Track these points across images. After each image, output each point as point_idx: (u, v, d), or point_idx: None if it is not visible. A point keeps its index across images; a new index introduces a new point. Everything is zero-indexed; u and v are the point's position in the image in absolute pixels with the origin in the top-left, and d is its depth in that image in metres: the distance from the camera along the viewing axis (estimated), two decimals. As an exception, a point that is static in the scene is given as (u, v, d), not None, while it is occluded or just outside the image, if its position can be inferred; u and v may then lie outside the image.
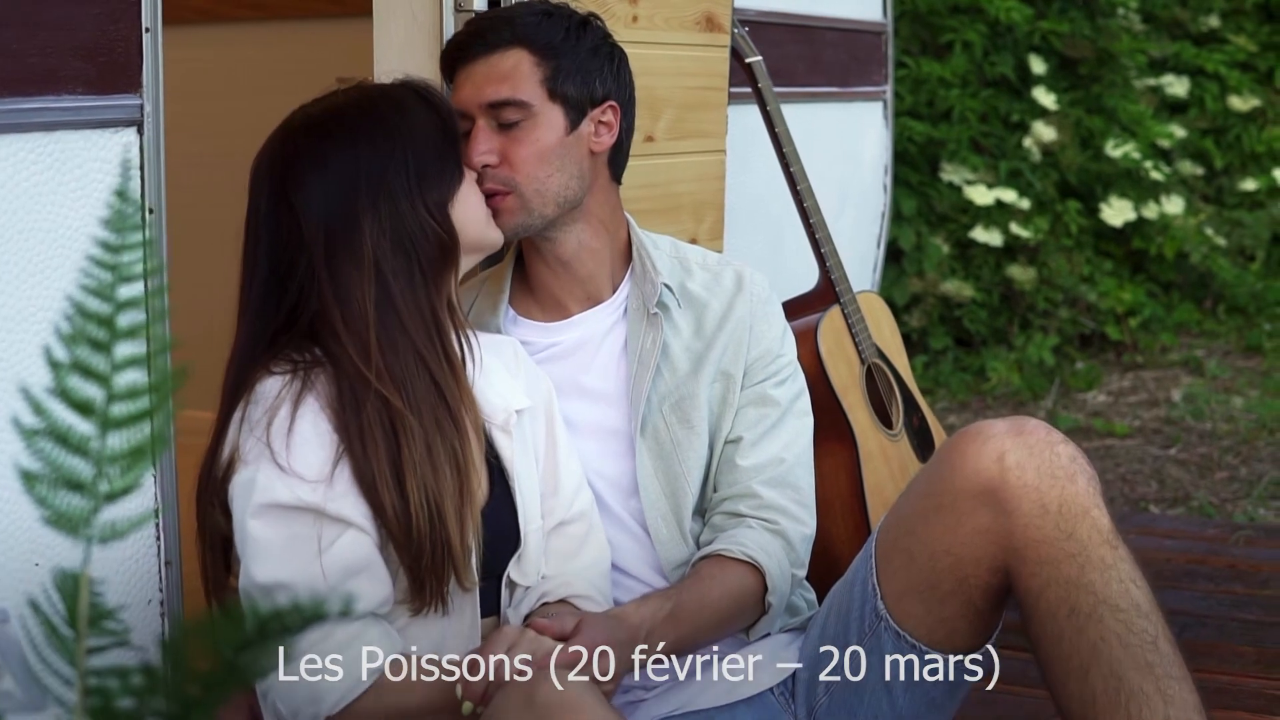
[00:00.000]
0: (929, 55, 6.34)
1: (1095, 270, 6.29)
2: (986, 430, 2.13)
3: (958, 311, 6.18)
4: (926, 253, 6.14)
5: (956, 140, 6.17)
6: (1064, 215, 6.23)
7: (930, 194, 6.20)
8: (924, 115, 6.22)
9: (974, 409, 5.85)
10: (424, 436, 1.99)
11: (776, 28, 3.50)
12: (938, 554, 2.15)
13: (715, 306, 2.41)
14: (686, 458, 2.35)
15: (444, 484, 1.99)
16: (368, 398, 1.98)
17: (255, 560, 1.96)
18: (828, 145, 3.81)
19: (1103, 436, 5.37)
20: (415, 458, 1.98)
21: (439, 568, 1.98)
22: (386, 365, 2.01)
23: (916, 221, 6.19)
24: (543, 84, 2.25)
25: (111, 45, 1.97)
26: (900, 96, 6.23)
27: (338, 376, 2.01)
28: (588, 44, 2.29)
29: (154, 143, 2.03)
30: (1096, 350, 6.28)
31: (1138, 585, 2.06)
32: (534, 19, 2.28)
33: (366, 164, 2.05)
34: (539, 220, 2.28)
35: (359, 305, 2.02)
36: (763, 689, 2.31)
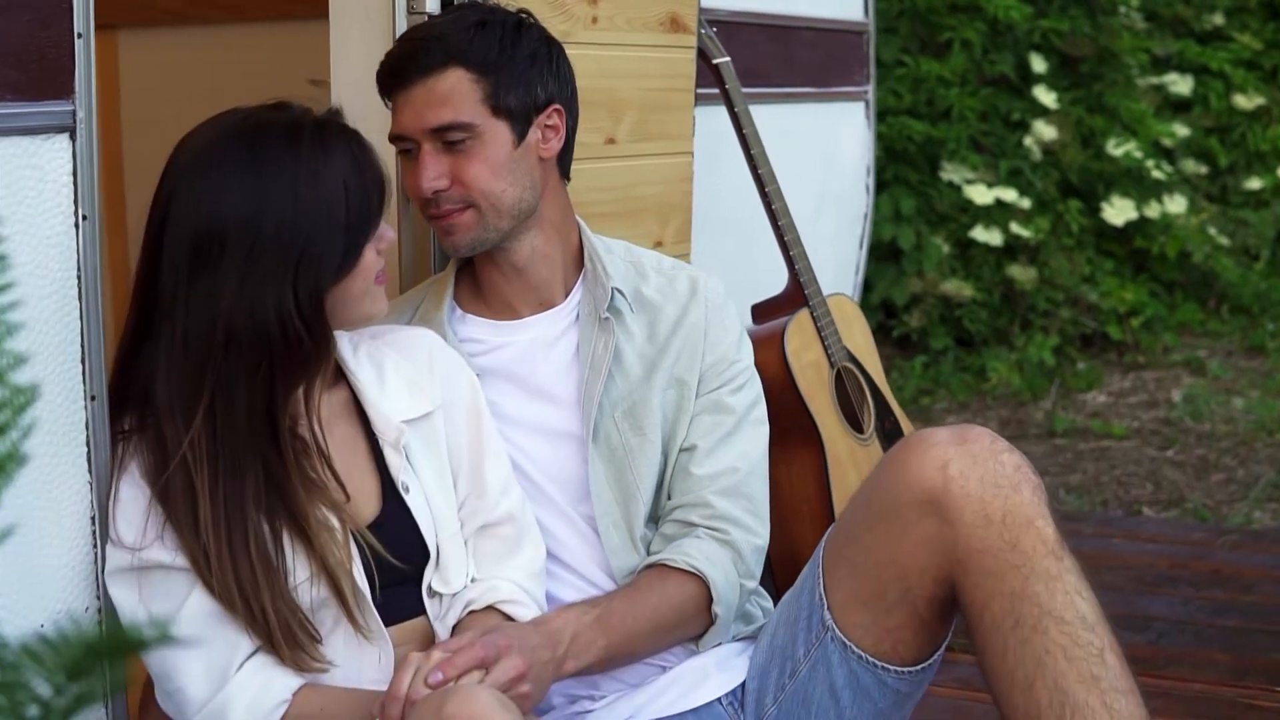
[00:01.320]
0: (928, 54, 6.31)
1: (1097, 270, 6.25)
2: (929, 438, 2.11)
3: (958, 311, 6.15)
4: (926, 252, 6.11)
5: (956, 139, 6.13)
6: (1065, 215, 6.19)
7: (930, 193, 6.17)
8: (923, 114, 6.19)
9: (974, 409, 5.81)
10: (224, 519, 1.95)
11: (750, 28, 3.48)
12: (882, 564, 2.12)
13: (669, 311, 2.39)
14: (638, 465, 2.32)
15: (242, 570, 1.95)
16: (175, 461, 1.96)
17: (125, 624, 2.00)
18: (806, 146, 3.78)
19: (1100, 438, 5.33)
20: (210, 540, 1.95)
21: (275, 636, 1.96)
22: (211, 435, 1.96)
23: (916, 221, 6.16)
24: (484, 102, 2.22)
25: (42, 51, 1.95)
26: (899, 95, 6.20)
27: (155, 440, 1.99)
28: (525, 51, 2.26)
29: (87, 149, 2.01)
30: (1098, 350, 6.24)
31: (1084, 597, 2.03)
32: (467, 33, 2.23)
33: (246, 207, 1.95)
34: (495, 234, 2.27)
35: (193, 380, 1.97)
36: (711, 699, 2.29)
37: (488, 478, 2.18)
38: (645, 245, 2.95)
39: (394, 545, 2.06)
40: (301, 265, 1.96)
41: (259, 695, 1.96)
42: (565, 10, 2.71)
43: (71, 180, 2.01)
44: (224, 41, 3.55)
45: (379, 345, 2.17)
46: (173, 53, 3.66)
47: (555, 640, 2.10)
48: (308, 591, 2.00)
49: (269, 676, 1.98)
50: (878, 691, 2.18)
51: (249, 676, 1.97)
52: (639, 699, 2.28)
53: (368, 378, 2.12)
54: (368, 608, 2.03)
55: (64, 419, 2.03)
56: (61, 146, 2.00)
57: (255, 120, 2.03)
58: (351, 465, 2.09)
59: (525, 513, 2.22)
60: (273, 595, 1.96)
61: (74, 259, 2.02)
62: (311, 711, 1.99)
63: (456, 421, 2.18)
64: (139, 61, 3.72)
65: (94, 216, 2.03)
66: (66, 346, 2.02)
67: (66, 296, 2.02)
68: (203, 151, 2.00)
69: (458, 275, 2.41)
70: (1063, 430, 5.40)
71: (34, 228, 1.97)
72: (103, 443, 2.07)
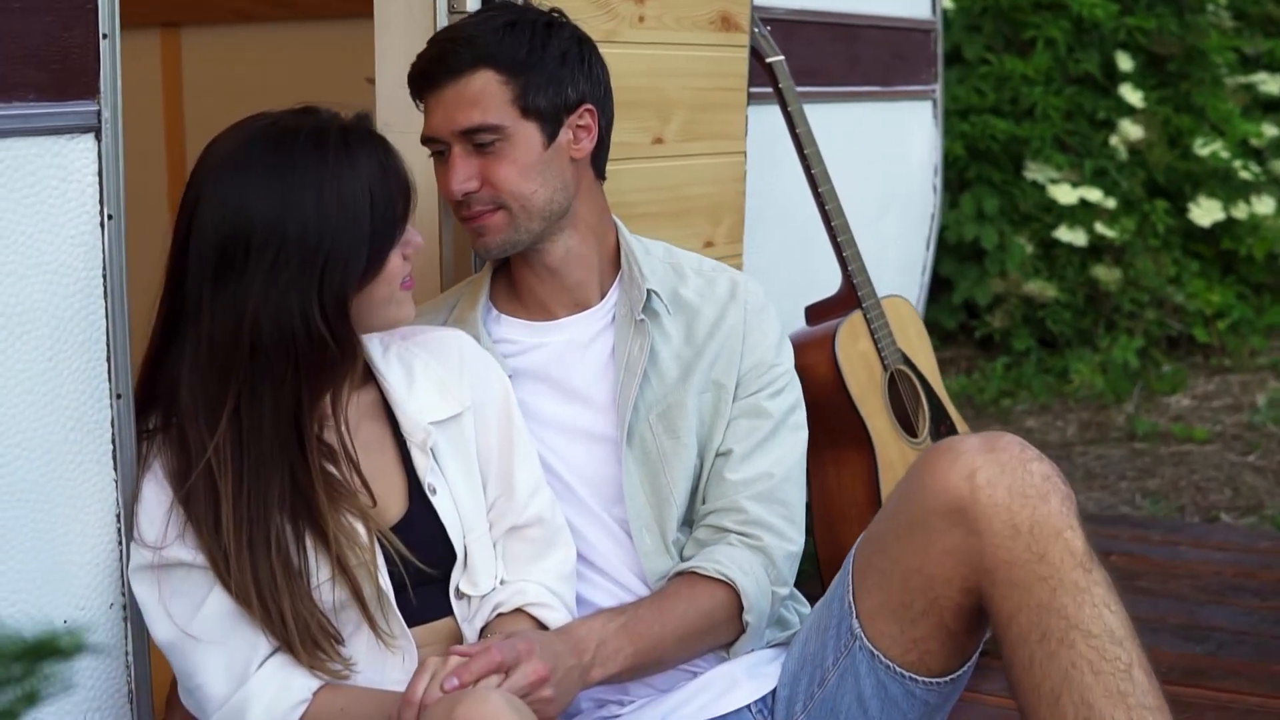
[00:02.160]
0: (1012, 52, 6.22)
1: (1183, 271, 6.14)
2: (958, 446, 2.07)
3: (1041, 312, 6.07)
4: (1009, 252, 6.03)
5: (1040, 138, 6.04)
6: (1151, 215, 6.08)
7: (1014, 193, 6.09)
8: (1007, 113, 6.11)
9: (1055, 411, 5.73)
10: (246, 522, 1.95)
11: (811, 26, 3.44)
12: (909, 573, 2.09)
13: (707, 313, 2.36)
14: (673, 468, 2.30)
15: (261, 572, 1.95)
16: (199, 466, 1.96)
17: (148, 622, 2.02)
18: (870, 146, 3.74)
19: (1180, 441, 5.24)
20: (231, 541, 1.95)
21: (293, 638, 1.96)
22: (235, 442, 1.96)
23: (999, 220, 6.08)
24: (514, 103, 2.20)
25: (65, 53, 1.96)
26: (982, 93, 6.13)
27: (179, 440, 1.99)
28: (555, 51, 2.24)
29: (112, 149, 2.02)
30: (1184, 353, 6.13)
31: (1112, 610, 1.98)
32: (496, 34, 2.22)
33: (271, 212, 1.95)
34: (526, 235, 2.25)
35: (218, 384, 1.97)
36: (739, 706, 2.27)
37: (517, 480, 2.16)
38: (695, 245, 2.94)
39: (419, 546, 2.05)
40: (326, 271, 1.95)
41: (278, 695, 1.97)
42: (610, 9, 2.69)
43: (97, 180, 2.02)
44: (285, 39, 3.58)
45: (409, 346, 2.17)
46: (235, 50, 3.69)
47: (581, 648, 2.09)
48: (330, 592, 2.00)
49: (289, 676, 1.98)
50: (906, 702, 2.15)
51: (269, 675, 1.97)
52: (667, 705, 2.26)
53: (397, 378, 2.12)
54: (391, 611, 2.02)
55: (90, 417, 2.04)
56: (87, 146, 2.01)
57: (282, 125, 2.02)
58: (378, 466, 2.09)
59: (555, 515, 2.21)
60: (293, 598, 1.96)
61: (99, 258, 2.03)
62: (331, 712, 1.99)
63: (487, 423, 2.16)
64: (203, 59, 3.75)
65: (119, 216, 2.04)
66: (92, 345, 2.04)
67: (92, 295, 2.03)
68: (229, 156, 2.00)
69: (494, 276, 2.40)
70: (1143, 434, 5.30)
71: (58, 227, 1.98)
72: (128, 441, 2.08)
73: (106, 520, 2.08)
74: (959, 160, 6.04)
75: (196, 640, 1.97)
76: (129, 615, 2.11)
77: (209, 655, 1.97)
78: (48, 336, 1.98)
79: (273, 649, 1.98)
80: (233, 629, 1.97)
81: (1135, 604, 3.37)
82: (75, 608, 2.05)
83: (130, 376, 2.08)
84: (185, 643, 1.98)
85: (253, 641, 1.98)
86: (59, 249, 1.99)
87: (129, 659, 2.12)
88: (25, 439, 1.97)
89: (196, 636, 1.97)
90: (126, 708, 2.12)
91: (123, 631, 2.11)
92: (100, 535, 2.07)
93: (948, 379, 6.05)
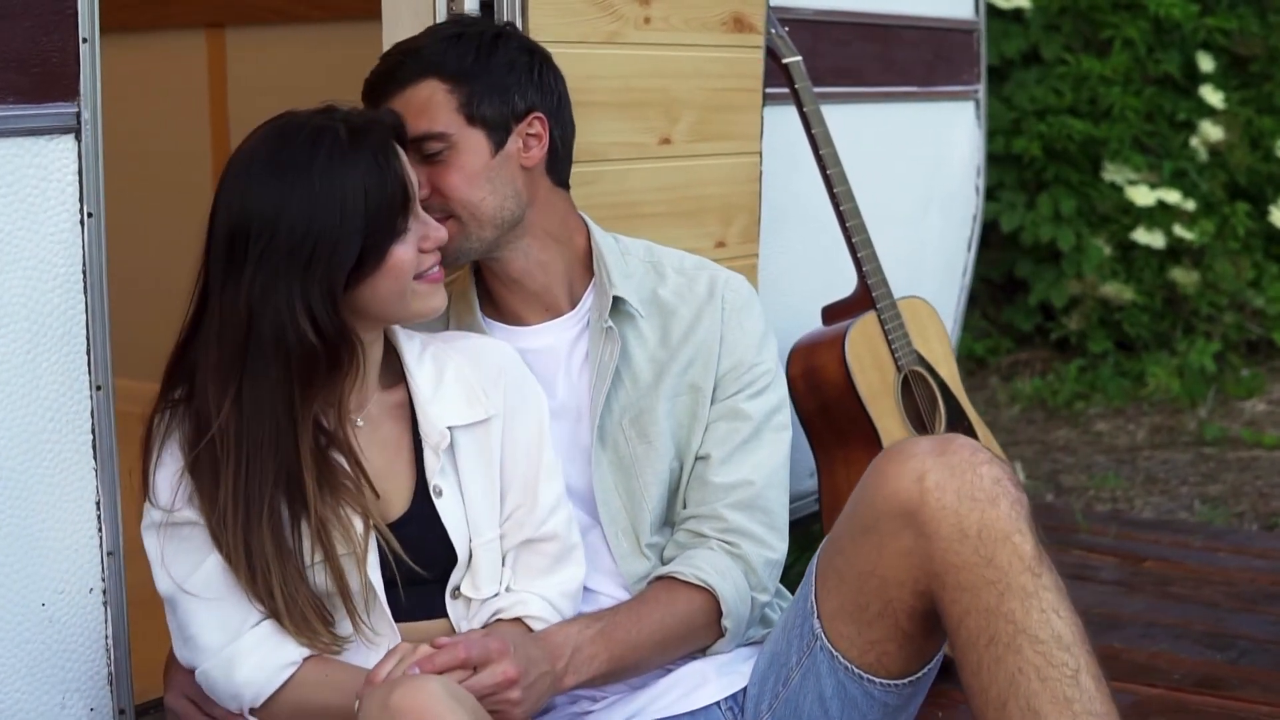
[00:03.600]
0: (1091, 52, 6.15)
1: (1263, 274, 6.04)
2: (910, 448, 2.08)
3: (1118, 314, 6.01)
4: (1086, 254, 5.98)
5: (1119, 139, 5.98)
6: (1231, 217, 5.99)
7: (1091, 194, 6.03)
8: (1085, 113, 6.04)
9: (1128, 415, 5.67)
10: (243, 499, 2.01)
11: (843, 27, 3.44)
12: (864, 575, 2.10)
13: (684, 314, 2.38)
14: (644, 473, 2.33)
15: (254, 548, 2.00)
16: (204, 440, 2.02)
17: (154, 575, 2.08)
18: (909, 147, 3.73)
19: (1249, 447, 5.16)
20: (228, 513, 2.01)
21: (280, 611, 2.02)
22: (236, 425, 2.02)
23: (1076, 222, 6.02)
24: (459, 110, 2.23)
25: (45, 56, 2.04)
26: (1060, 93, 6.08)
27: (194, 412, 2.05)
28: (501, 60, 2.27)
29: (93, 148, 2.10)
30: (1262, 357, 6.03)
31: (1061, 615, 1.98)
32: (441, 45, 2.26)
33: (266, 207, 2.01)
34: (478, 243, 2.28)
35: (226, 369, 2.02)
36: (709, 702, 2.29)
37: (540, 494, 2.19)
38: (706, 245, 2.96)
39: (415, 545, 2.09)
40: (312, 264, 1.99)
41: (269, 654, 2.02)
42: (613, 11, 2.72)
43: (77, 179, 2.10)
44: (325, 38, 3.65)
45: (448, 350, 2.21)
46: (277, 50, 3.78)
47: (556, 654, 2.12)
48: (320, 575, 2.05)
49: (281, 640, 2.03)
50: (865, 703, 2.16)
51: (262, 636, 2.03)
52: (639, 701, 2.28)
53: (425, 379, 2.16)
54: (376, 605, 2.07)
55: (69, 407, 2.12)
56: (66, 147, 2.08)
57: (288, 123, 2.08)
58: (390, 463, 2.14)
59: (571, 534, 2.23)
60: (283, 574, 2.01)
61: (79, 254, 2.11)
62: (317, 678, 2.04)
63: (516, 435, 2.19)
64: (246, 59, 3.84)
65: (99, 214, 2.12)
66: (71, 339, 2.11)
67: (71, 291, 2.11)
68: (241, 152, 2.07)
69: (477, 281, 2.43)
70: (1212, 439, 5.23)
71: (37, 224, 2.06)
72: (107, 431, 2.16)
73: (86, 508, 2.16)
74: (1036, 161, 6.00)
75: (194, 596, 2.03)
76: (108, 600, 2.19)
77: (206, 610, 2.03)
78: (25, 330, 2.06)
79: (264, 616, 2.04)
80: (229, 590, 2.03)
81: (1162, 609, 3.38)
82: (54, 591, 2.13)
83: (110, 370, 2.16)
84: (183, 597, 2.04)
85: (248, 605, 2.04)
86: (38, 245, 2.07)
87: (108, 643, 2.20)
88: (2, 428, 2.05)
89: (195, 593, 2.03)
90: (106, 689, 2.20)
91: (102, 616, 2.19)
92: (79, 522, 2.15)
93: (1021, 380, 6.01)
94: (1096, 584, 3.59)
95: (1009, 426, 5.58)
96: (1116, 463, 5.05)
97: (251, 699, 2.03)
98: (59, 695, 2.14)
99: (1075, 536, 3.94)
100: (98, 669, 2.19)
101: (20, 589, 2.09)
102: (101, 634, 2.19)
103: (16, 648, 2.09)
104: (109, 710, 2.20)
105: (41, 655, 2.12)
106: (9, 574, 2.08)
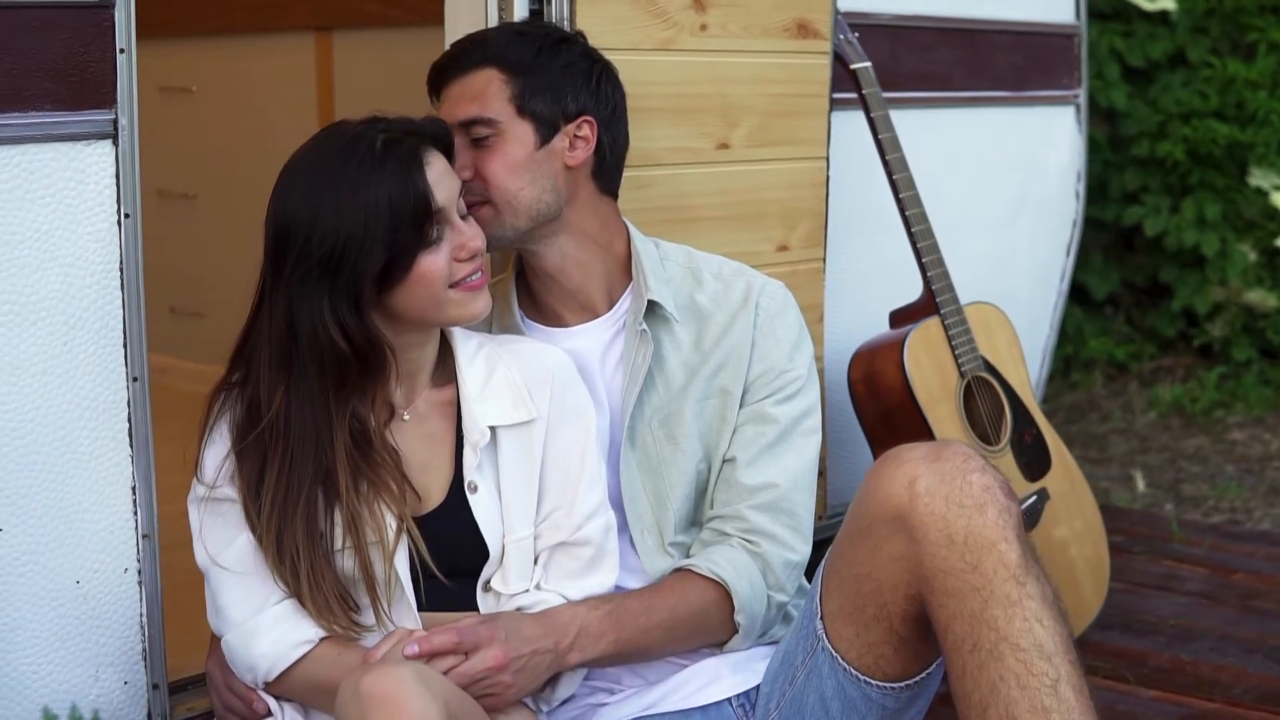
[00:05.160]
0: (1238, 55, 6.01)
1: None
2: (904, 454, 2.10)
3: (1262, 322, 5.86)
4: (1231, 260, 5.84)
5: (1264, 144, 5.83)
6: (1381, 224, 5.81)
7: (1236, 199, 5.89)
8: (1230, 117, 5.91)
9: (1267, 424, 5.54)
10: (285, 487, 2.10)
11: (926, 32, 3.45)
12: (861, 578, 2.13)
13: (718, 319, 2.42)
14: (670, 474, 2.38)
15: (286, 534, 2.10)
16: (256, 430, 2.12)
17: (194, 545, 2.18)
18: (1000, 151, 3.71)
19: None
20: (268, 499, 2.10)
21: (303, 591, 2.10)
22: (285, 418, 2.11)
23: (1221, 227, 5.89)
24: (511, 101, 2.32)
25: (83, 66, 2.16)
26: (1205, 96, 5.94)
27: (247, 398, 2.14)
28: (560, 61, 2.34)
29: (129, 153, 2.21)
30: None
31: (1044, 625, 1.99)
32: (506, 39, 2.36)
33: (300, 214, 2.09)
34: (511, 231, 2.35)
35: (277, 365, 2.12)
36: (720, 698, 2.33)
37: (579, 500, 2.25)
38: (767, 249, 3.00)
39: (443, 539, 2.17)
40: (340, 273, 2.08)
41: (287, 631, 2.12)
42: (668, 19, 2.77)
43: (114, 182, 2.22)
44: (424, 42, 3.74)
45: (502, 352, 2.28)
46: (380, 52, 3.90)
47: (560, 633, 2.18)
48: (348, 561, 2.14)
49: (301, 619, 2.13)
50: (864, 705, 2.19)
51: (283, 613, 2.12)
52: (653, 695, 2.34)
53: (474, 378, 2.23)
54: (402, 596, 2.15)
55: (105, 397, 2.24)
56: (104, 151, 2.20)
57: (331, 133, 2.16)
58: (431, 457, 2.22)
59: (608, 541, 2.28)
60: (312, 560, 2.10)
61: (116, 253, 2.23)
62: (330, 657, 2.13)
63: (559, 441, 2.25)
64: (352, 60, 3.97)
65: (136, 214, 2.24)
66: (108, 332, 2.23)
67: (108, 287, 2.23)
68: (292, 159, 2.17)
69: (518, 282, 2.50)
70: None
71: (75, 224, 2.19)
72: (143, 419, 2.28)
73: (121, 492, 2.28)
74: (1180, 165, 5.88)
75: (225, 569, 2.14)
76: (143, 580, 2.31)
77: (235, 583, 2.14)
78: (62, 324, 2.19)
79: (286, 595, 2.14)
80: (257, 566, 2.13)
81: (1240, 623, 3.33)
82: (89, 570, 2.26)
83: (145, 362, 2.28)
84: (215, 570, 2.15)
85: (273, 583, 2.13)
86: (75, 244, 2.19)
87: (143, 620, 2.32)
88: (39, 415, 2.18)
89: (227, 567, 2.13)
90: (140, 664, 2.32)
91: (137, 595, 2.31)
92: (115, 506, 2.27)
93: (1162, 387, 5.91)
94: (1180, 595, 3.54)
95: (1143, 433, 5.48)
96: (1243, 473, 4.94)
97: (266, 671, 2.12)
98: (93, 668, 2.27)
99: (1168, 547, 3.87)
100: (132, 645, 2.31)
101: (55, 566, 2.21)
102: (136, 612, 2.31)
103: (50, 621, 2.22)
104: (143, 684, 2.32)
105: (75, 630, 2.24)
106: (44, 552, 2.20)
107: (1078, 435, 5.41)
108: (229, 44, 4.35)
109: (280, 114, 4.18)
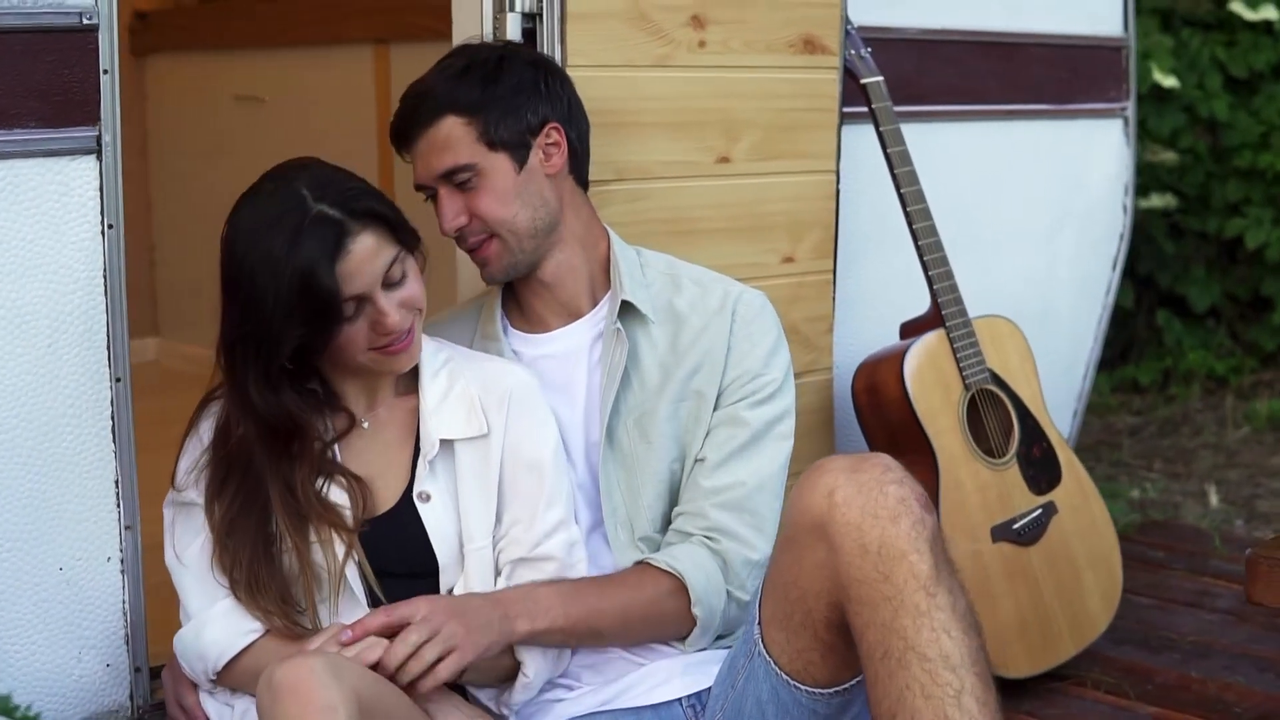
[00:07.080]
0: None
1: None
2: (827, 465, 2.15)
3: (1364, 335, 5.75)
4: (1332, 272, 5.74)
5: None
6: None
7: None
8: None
9: (1356, 441, 5.43)
10: (244, 493, 2.21)
11: (954, 45, 3.46)
12: (789, 585, 2.19)
13: (694, 323, 2.50)
14: (644, 472, 2.46)
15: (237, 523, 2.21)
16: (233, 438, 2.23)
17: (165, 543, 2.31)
18: (1040, 164, 3.71)
19: None
20: (229, 504, 2.22)
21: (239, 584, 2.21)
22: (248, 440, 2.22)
23: (1324, 239, 5.79)
24: (479, 140, 2.40)
25: (67, 86, 2.30)
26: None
27: (224, 413, 2.25)
28: (507, 85, 2.42)
29: (112, 167, 2.35)
30: None
31: (951, 636, 2.03)
32: (451, 83, 2.42)
33: (231, 266, 2.16)
34: (523, 255, 2.45)
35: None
36: (671, 698, 2.40)
37: (538, 517, 2.33)
38: (771, 261, 3.06)
39: (389, 545, 2.27)
40: (259, 339, 2.15)
41: (236, 622, 2.23)
42: (664, 35, 2.84)
43: (98, 194, 2.36)
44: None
45: (464, 365, 2.37)
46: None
47: (505, 601, 2.24)
48: (290, 560, 2.25)
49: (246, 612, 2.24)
50: (796, 710, 2.23)
51: (232, 605, 2.23)
52: (608, 692, 2.41)
53: (435, 392, 2.32)
54: (352, 595, 2.24)
55: (89, 397, 2.38)
56: (88, 166, 2.35)
57: (275, 188, 2.20)
58: (387, 464, 2.32)
59: (570, 557, 2.36)
60: (252, 548, 2.21)
61: (100, 261, 2.37)
62: (273, 648, 2.22)
63: (519, 458, 2.33)
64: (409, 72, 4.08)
65: (119, 225, 2.38)
66: (92, 336, 2.38)
67: (92, 293, 2.37)
68: (245, 195, 2.23)
69: (503, 292, 2.59)
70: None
71: (59, 235, 2.33)
72: (126, 417, 2.42)
73: (105, 486, 2.42)
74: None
75: (186, 567, 2.26)
76: (126, 569, 2.45)
77: (193, 580, 2.26)
78: (46, 328, 2.33)
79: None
80: (212, 567, 2.25)
81: (1260, 642, 3.31)
82: (72, 558, 2.40)
83: (128, 364, 2.41)
84: (178, 566, 2.28)
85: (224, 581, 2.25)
86: (59, 253, 2.33)
87: (125, 607, 2.46)
88: (24, 413, 2.33)
89: (188, 565, 2.26)
90: (123, 648, 2.46)
91: (119, 583, 2.45)
92: (99, 498, 2.41)
93: (1260, 401, 5.81)
94: (1206, 612, 3.51)
95: (1232, 448, 5.41)
96: (1307, 489, 4.86)
97: (215, 660, 2.23)
98: (75, 650, 2.41)
99: (1208, 563, 3.84)
100: (114, 630, 2.45)
101: (39, 553, 2.36)
102: (119, 599, 2.44)
103: (34, 605, 2.36)
104: (125, 667, 2.46)
105: (58, 614, 2.39)
106: (28, 540, 2.35)
107: (1167, 449, 5.34)
108: (295, 55, 4.51)
109: (342, 122, 4.34)
